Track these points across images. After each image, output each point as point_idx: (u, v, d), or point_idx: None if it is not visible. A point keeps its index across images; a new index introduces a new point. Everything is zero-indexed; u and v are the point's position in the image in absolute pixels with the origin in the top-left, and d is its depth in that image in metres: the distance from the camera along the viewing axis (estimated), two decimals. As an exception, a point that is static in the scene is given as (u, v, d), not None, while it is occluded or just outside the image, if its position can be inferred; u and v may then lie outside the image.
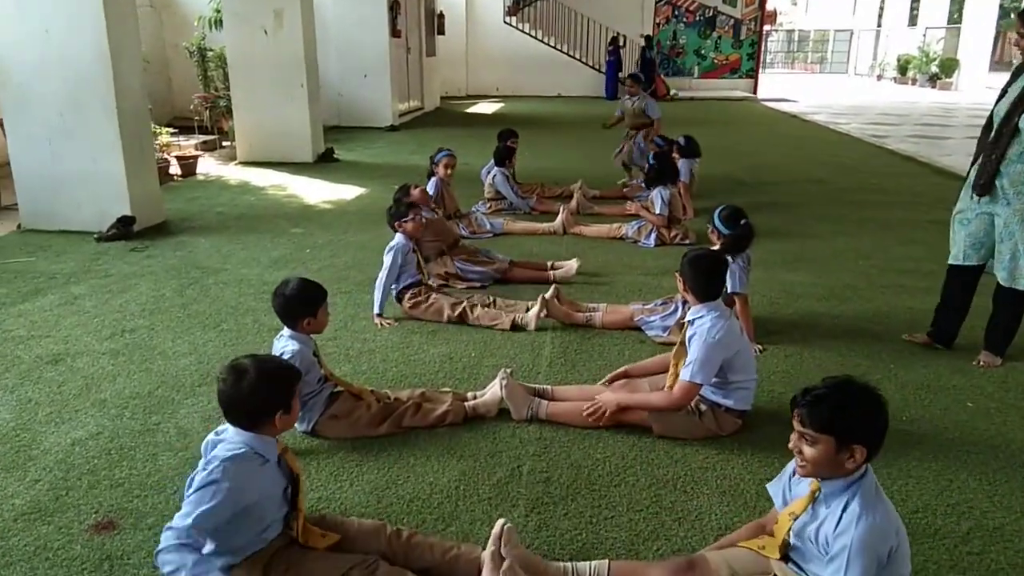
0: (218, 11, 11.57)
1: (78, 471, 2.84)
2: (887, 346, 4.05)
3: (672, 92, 20.22)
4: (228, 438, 2.15)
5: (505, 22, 21.36)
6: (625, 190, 7.88)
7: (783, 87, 25.49)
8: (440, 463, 2.89)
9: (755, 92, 22.29)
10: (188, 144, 9.98)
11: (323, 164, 10.03)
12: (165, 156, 8.83)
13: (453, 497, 2.68)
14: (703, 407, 3.09)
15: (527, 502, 2.65)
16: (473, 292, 4.74)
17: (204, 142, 10.90)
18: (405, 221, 4.43)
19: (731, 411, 3.09)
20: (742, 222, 3.94)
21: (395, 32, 13.81)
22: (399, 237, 4.44)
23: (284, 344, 3.02)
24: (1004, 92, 3.66)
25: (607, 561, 2.23)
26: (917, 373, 3.73)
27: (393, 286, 4.43)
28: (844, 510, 1.90)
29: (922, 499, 2.69)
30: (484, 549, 2.22)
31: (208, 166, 9.71)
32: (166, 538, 2.04)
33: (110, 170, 6.08)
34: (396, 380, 3.62)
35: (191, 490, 2.05)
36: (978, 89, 23.72)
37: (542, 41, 21.22)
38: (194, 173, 9.11)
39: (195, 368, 3.74)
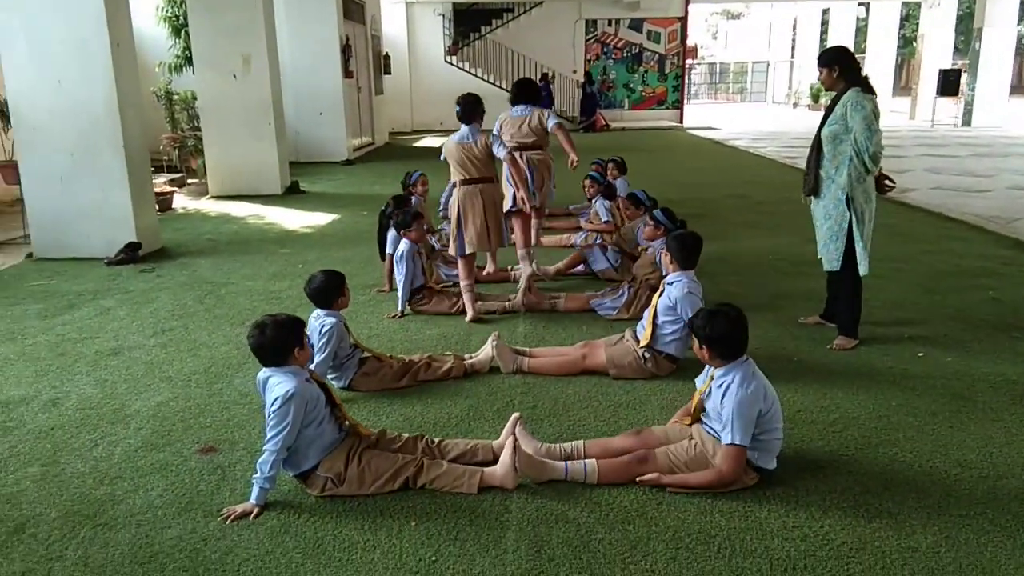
0: (179, 57, 12.38)
1: (170, 421, 3.66)
2: (784, 318, 5.13)
3: (607, 124, 21.66)
4: (273, 374, 2.94)
5: (446, 61, 22.64)
6: (571, 208, 8.94)
7: (707, 116, 27.26)
8: (452, 401, 3.81)
9: (681, 121, 23.95)
10: (159, 182, 10.67)
11: (291, 196, 10.87)
12: (145, 192, 9.54)
13: (466, 420, 3.60)
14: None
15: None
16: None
17: (172, 180, 11.59)
18: (411, 230, 5.18)
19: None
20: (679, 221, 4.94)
21: (347, 73, 14.76)
22: (404, 244, 5.15)
23: (321, 320, 3.89)
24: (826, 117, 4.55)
25: (582, 441, 3.20)
26: (807, 331, 4.80)
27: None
28: (727, 387, 2.89)
29: (804, 403, 3.73)
30: (495, 442, 3.16)
31: (182, 201, 10.43)
32: (262, 458, 2.86)
33: (118, 203, 6.85)
34: (403, 354, 4.50)
35: (268, 423, 2.89)
36: (883, 113, 25.75)
37: (480, 78, 22.47)
38: (171, 207, 9.83)
39: (236, 352, 4.56)
